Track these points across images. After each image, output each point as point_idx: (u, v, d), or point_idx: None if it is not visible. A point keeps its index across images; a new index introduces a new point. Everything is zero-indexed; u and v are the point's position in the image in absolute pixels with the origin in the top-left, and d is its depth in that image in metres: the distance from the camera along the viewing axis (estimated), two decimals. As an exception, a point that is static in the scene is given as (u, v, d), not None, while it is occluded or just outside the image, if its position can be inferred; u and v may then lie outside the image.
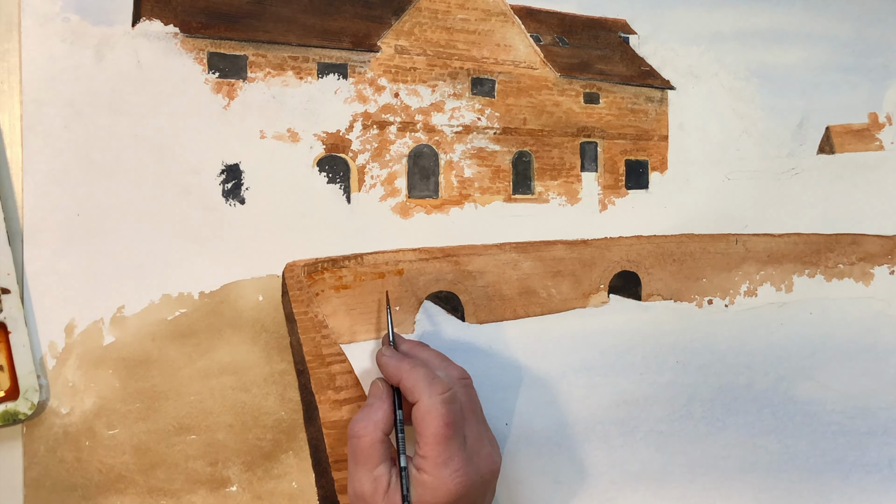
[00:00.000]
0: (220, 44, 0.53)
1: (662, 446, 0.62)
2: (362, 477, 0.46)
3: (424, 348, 0.53)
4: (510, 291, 0.61)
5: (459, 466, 0.45)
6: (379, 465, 0.46)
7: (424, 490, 0.45)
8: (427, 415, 0.45)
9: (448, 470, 0.45)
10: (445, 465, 0.45)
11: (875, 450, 0.66)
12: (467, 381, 0.50)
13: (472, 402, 0.49)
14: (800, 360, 0.66)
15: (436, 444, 0.45)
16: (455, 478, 0.45)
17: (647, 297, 0.65)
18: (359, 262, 0.56)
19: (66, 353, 0.50)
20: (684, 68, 0.66)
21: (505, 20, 0.61)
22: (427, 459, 0.45)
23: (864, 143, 0.70)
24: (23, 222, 0.49)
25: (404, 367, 0.48)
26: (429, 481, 0.45)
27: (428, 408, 0.45)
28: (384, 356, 0.50)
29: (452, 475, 0.45)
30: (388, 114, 0.58)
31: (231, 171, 0.53)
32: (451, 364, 0.51)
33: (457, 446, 0.46)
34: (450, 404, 0.46)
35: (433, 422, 0.45)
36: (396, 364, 0.49)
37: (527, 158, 0.62)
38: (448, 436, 0.45)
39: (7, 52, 0.50)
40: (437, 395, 0.46)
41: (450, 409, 0.46)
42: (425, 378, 0.47)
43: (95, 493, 0.50)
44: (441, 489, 0.45)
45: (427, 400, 0.46)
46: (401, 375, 0.48)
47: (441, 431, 0.45)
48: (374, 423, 0.47)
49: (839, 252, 0.68)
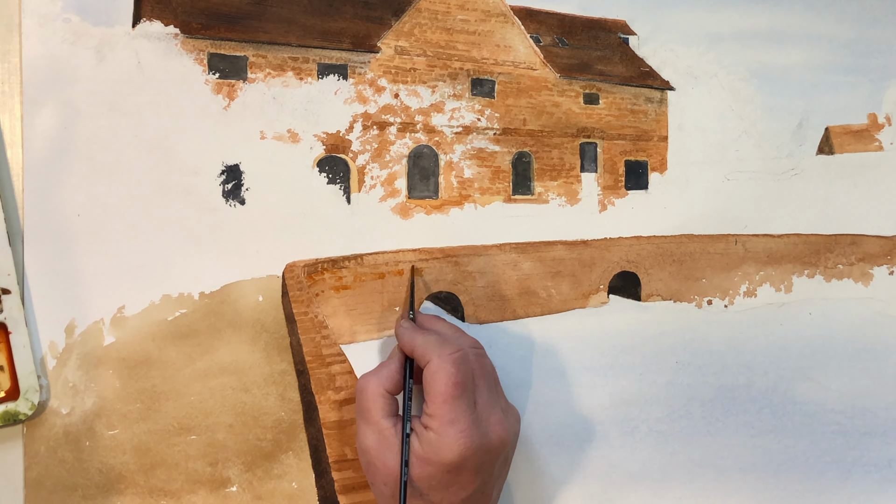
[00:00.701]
0: (220, 45, 0.53)
1: (662, 446, 0.62)
2: (366, 430, 0.48)
3: (439, 321, 0.54)
4: (510, 292, 0.61)
5: (465, 428, 0.45)
6: (381, 420, 0.47)
7: (429, 448, 0.45)
8: (436, 374, 0.46)
9: (453, 429, 0.45)
10: (451, 424, 0.45)
11: (874, 450, 0.66)
12: (479, 349, 0.51)
13: (483, 369, 0.49)
14: (799, 361, 0.66)
15: (443, 402, 0.46)
16: (460, 438, 0.45)
17: (647, 297, 0.65)
18: (359, 263, 0.56)
19: (67, 353, 0.50)
20: (684, 69, 0.66)
21: (505, 21, 0.61)
22: (434, 418, 0.46)
23: (864, 143, 0.70)
24: (23, 223, 0.49)
25: (417, 334, 0.49)
26: (434, 439, 0.45)
27: (437, 367, 0.46)
28: (401, 327, 0.51)
29: (457, 435, 0.45)
30: (388, 114, 0.58)
31: (231, 172, 0.54)
32: (463, 333, 0.52)
33: (464, 407, 0.46)
34: (459, 365, 0.47)
35: (442, 380, 0.46)
36: (411, 333, 0.50)
37: (526, 159, 0.62)
38: (455, 395, 0.46)
39: (8, 53, 0.50)
40: (448, 356, 0.47)
41: (459, 369, 0.46)
42: (437, 341, 0.48)
43: (96, 493, 0.50)
44: (445, 448, 0.45)
45: (437, 360, 0.47)
46: (414, 343, 0.49)
47: (449, 391, 0.46)
48: (377, 377, 0.49)
49: (839, 252, 0.69)
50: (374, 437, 0.47)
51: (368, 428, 0.48)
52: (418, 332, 0.50)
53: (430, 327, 0.52)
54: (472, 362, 0.48)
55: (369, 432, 0.48)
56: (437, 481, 0.45)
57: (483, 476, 0.47)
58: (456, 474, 0.46)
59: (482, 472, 0.47)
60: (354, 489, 0.53)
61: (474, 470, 0.46)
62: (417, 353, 0.48)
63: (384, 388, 0.49)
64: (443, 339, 0.49)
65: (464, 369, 0.47)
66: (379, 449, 0.47)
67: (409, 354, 0.50)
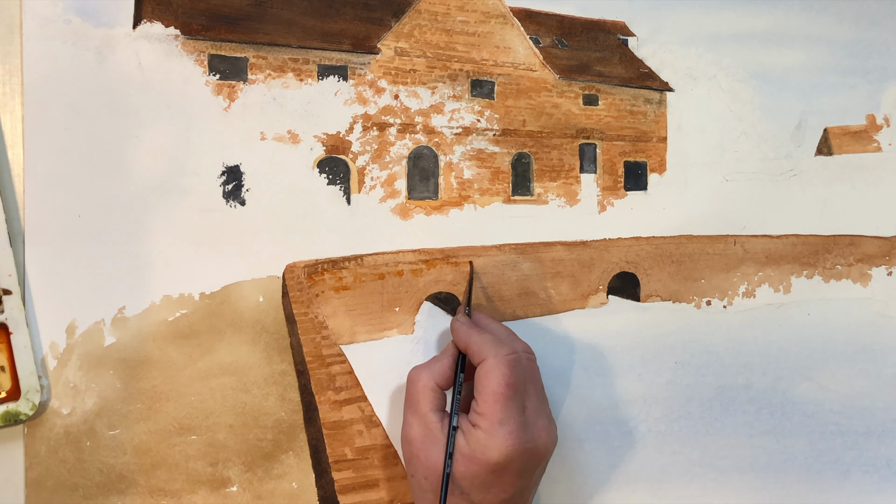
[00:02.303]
0: (220, 46, 0.54)
1: (661, 446, 0.62)
2: (412, 421, 0.48)
3: (494, 321, 0.54)
4: (509, 292, 0.61)
5: (514, 429, 0.45)
6: (429, 413, 0.48)
7: (477, 445, 0.45)
8: (490, 373, 0.46)
9: (503, 430, 0.45)
10: (501, 424, 0.45)
11: (873, 450, 0.66)
12: (531, 355, 0.51)
13: (534, 375, 0.50)
14: (798, 361, 0.67)
15: (494, 402, 0.46)
16: (508, 439, 0.45)
17: (646, 297, 0.65)
18: (359, 264, 0.57)
19: (68, 353, 0.50)
20: (683, 70, 0.66)
21: (504, 22, 0.61)
22: (483, 416, 0.46)
23: (862, 144, 0.70)
24: (24, 223, 0.50)
25: (474, 332, 0.50)
26: (482, 438, 0.45)
27: (492, 366, 0.47)
28: (457, 321, 0.52)
29: (506, 436, 0.45)
30: (387, 115, 0.58)
31: (231, 173, 0.54)
32: (517, 338, 0.52)
33: (514, 409, 0.46)
34: (513, 367, 0.47)
35: (495, 380, 0.46)
36: (467, 330, 0.50)
37: (526, 160, 0.62)
38: (508, 396, 0.46)
39: (9, 54, 0.50)
40: (503, 356, 0.47)
41: (513, 370, 0.47)
42: (493, 341, 0.48)
43: (96, 493, 0.50)
44: (492, 447, 0.45)
45: (492, 359, 0.47)
46: (469, 340, 0.49)
47: (501, 391, 0.46)
48: (429, 370, 0.49)
49: (837, 253, 0.69)
50: (420, 429, 0.47)
51: (415, 419, 0.48)
52: (474, 329, 0.50)
53: (485, 326, 0.53)
54: (525, 366, 0.49)
55: (416, 424, 0.48)
56: (481, 480, 0.46)
57: (524, 480, 0.47)
58: (500, 475, 0.46)
59: (524, 475, 0.47)
60: (354, 489, 0.53)
61: (518, 473, 0.46)
62: (472, 350, 0.49)
63: (435, 381, 0.49)
64: (498, 339, 0.49)
65: (517, 372, 0.47)
66: (424, 441, 0.47)
67: (464, 350, 0.50)
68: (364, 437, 0.54)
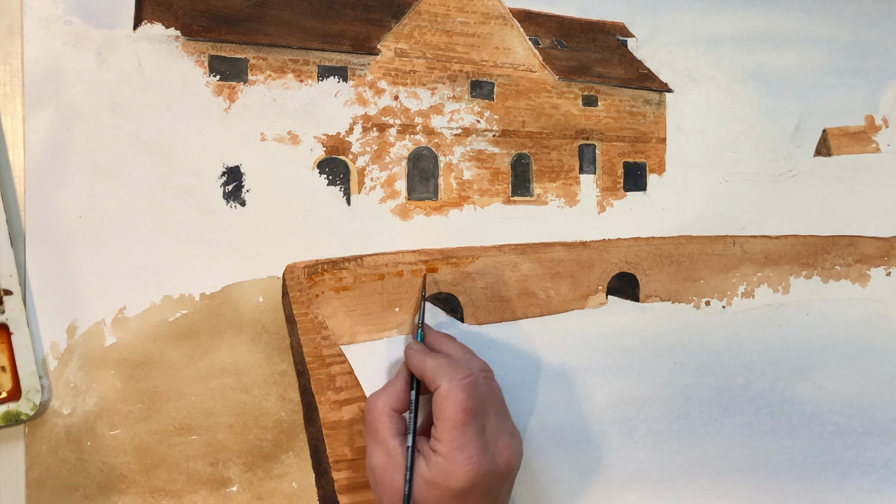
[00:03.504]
0: (220, 47, 0.54)
1: (660, 446, 0.63)
2: (374, 449, 0.48)
3: (449, 341, 0.53)
4: (509, 293, 0.61)
5: (474, 454, 0.45)
6: (389, 439, 0.47)
7: (438, 472, 0.45)
8: (446, 399, 0.46)
9: (462, 455, 0.45)
10: (460, 450, 0.45)
11: (872, 450, 0.66)
12: (489, 373, 0.51)
13: (493, 393, 0.49)
14: (797, 361, 0.67)
15: (452, 428, 0.45)
16: (468, 464, 0.45)
17: (645, 298, 0.65)
18: (359, 264, 0.57)
19: (68, 353, 0.50)
20: (682, 71, 0.66)
21: (504, 23, 0.61)
22: (442, 442, 0.46)
23: (861, 145, 0.70)
24: (25, 224, 0.50)
25: (428, 358, 0.49)
26: (442, 464, 0.45)
27: (447, 392, 0.46)
28: (411, 349, 0.51)
29: (466, 461, 0.45)
30: (387, 116, 0.58)
31: (232, 174, 0.54)
32: (474, 356, 0.52)
33: (473, 433, 0.46)
34: (470, 390, 0.46)
35: (451, 406, 0.46)
36: (420, 356, 0.50)
37: (525, 161, 0.62)
38: (465, 421, 0.46)
39: (9, 55, 0.50)
40: (458, 381, 0.46)
41: (469, 394, 0.46)
42: (447, 365, 0.48)
43: (97, 493, 0.50)
44: (453, 474, 0.45)
45: (447, 385, 0.46)
46: (424, 367, 0.49)
47: (459, 416, 0.46)
48: (385, 395, 0.49)
49: (836, 254, 0.69)
50: (383, 456, 0.47)
51: (377, 447, 0.48)
52: (428, 354, 0.50)
53: (440, 348, 0.52)
54: (482, 387, 0.48)
55: (377, 451, 0.48)
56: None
57: (489, 500, 0.47)
58: (464, 499, 0.45)
59: (489, 495, 0.47)
60: (354, 489, 0.53)
61: (482, 494, 0.46)
62: (427, 377, 0.48)
63: (391, 406, 0.48)
64: (453, 362, 0.49)
65: (474, 395, 0.46)
66: (386, 468, 0.47)
67: (419, 377, 0.49)
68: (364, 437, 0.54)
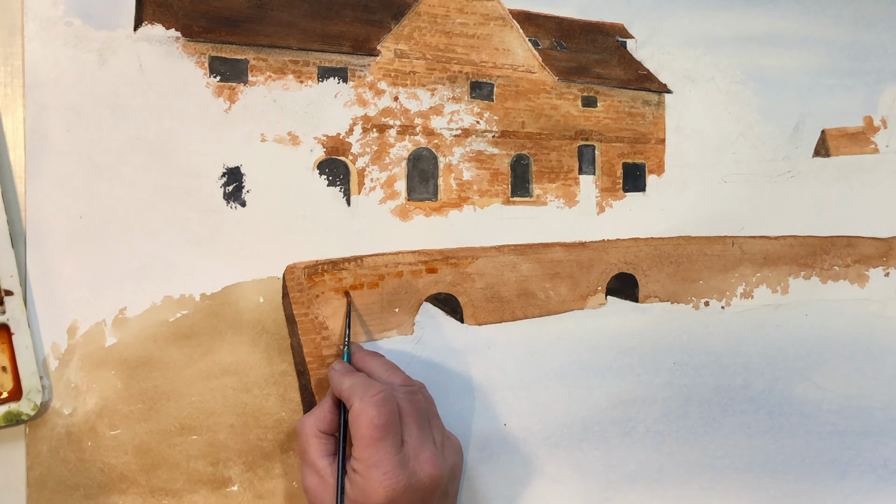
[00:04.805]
0: (221, 48, 0.54)
1: (659, 446, 0.63)
2: (306, 471, 0.48)
3: (374, 358, 0.53)
4: (508, 293, 0.61)
5: (389, 469, 0.45)
6: (318, 460, 0.48)
7: (357, 491, 0.45)
8: (358, 418, 0.46)
9: (377, 472, 0.45)
10: (375, 467, 0.45)
11: (870, 450, 0.66)
12: (411, 387, 0.50)
13: (413, 406, 0.49)
14: (796, 362, 0.67)
15: (366, 445, 0.45)
16: (384, 480, 0.45)
17: (645, 298, 0.65)
18: (359, 265, 0.57)
19: (69, 354, 0.50)
20: (681, 72, 0.66)
21: (503, 24, 0.61)
22: (359, 461, 0.46)
23: (860, 146, 0.70)
24: (26, 225, 0.50)
25: (345, 378, 0.49)
26: (360, 482, 0.45)
27: (359, 411, 0.46)
28: (332, 370, 0.51)
29: (382, 478, 0.45)
30: (387, 117, 0.58)
31: (232, 174, 0.54)
32: (395, 372, 0.51)
33: (387, 449, 0.46)
34: (381, 406, 0.46)
35: (364, 424, 0.46)
36: (339, 377, 0.50)
37: (525, 161, 0.62)
38: (377, 438, 0.46)
39: (10, 56, 0.50)
40: (369, 398, 0.46)
41: (381, 411, 0.46)
42: (361, 384, 0.48)
43: (98, 492, 0.50)
44: (370, 491, 0.45)
45: (358, 403, 0.46)
46: (341, 387, 0.49)
47: (371, 433, 0.46)
48: (312, 417, 0.49)
49: (835, 254, 0.69)
50: (314, 477, 0.48)
51: (307, 469, 0.48)
52: (346, 374, 0.50)
53: (363, 366, 0.52)
54: (397, 401, 0.48)
55: (308, 473, 0.48)
56: None
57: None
58: None
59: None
60: (354, 489, 0.53)
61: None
62: (344, 397, 0.48)
63: (318, 428, 0.49)
64: (367, 380, 0.49)
65: (386, 410, 0.46)
66: (317, 489, 0.47)
67: (339, 398, 0.49)
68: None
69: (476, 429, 0.59)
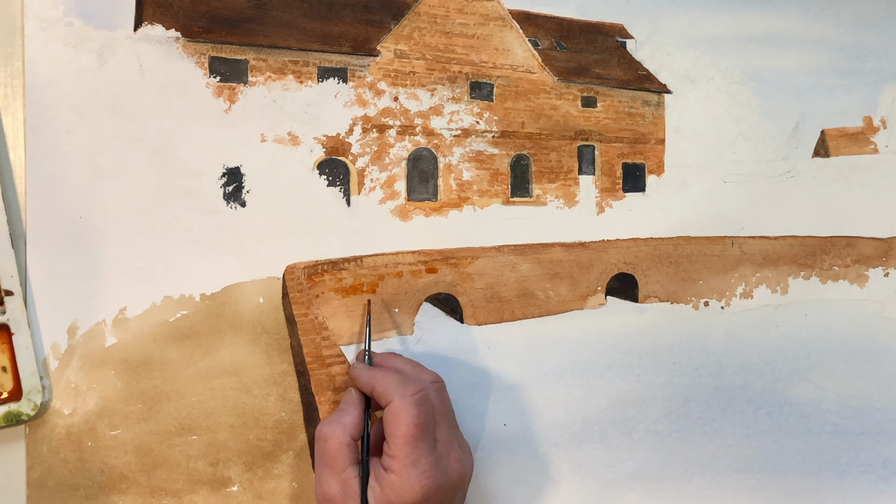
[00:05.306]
0: (221, 48, 0.54)
1: (659, 446, 0.63)
2: (330, 479, 0.47)
3: (396, 357, 0.53)
4: (508, 293, 0.61)
5: (427, 468, 0.45)
6: (346, 469, 0.47)
7: (391, 490, 0.45)
8: (398, 415, 0.46)
9: (416, 471, 0.45)
10: (413, 465, 0.45)
11: (870, 450, 0.66)
12: (440, 384, 0.51)
13: (443, 405, 0.49)
14: (795, 362, 0.67)
15: (405, 444, 0.45)
16: (422, 479, 0.45)
17: (644, 298, 0.65)
18: (359, 265, 0.57)
19: (69, 354, 0.50)
20: (681, 72, 0.66)
21: (503, 25, 0.62)
22: (395, 459, 0.45)
23: (859, 146, 0.70)
24: (26, 225, 0.50)
25: (377, 374, 0.49)
26: (396, 481, 0.45)
27: (399, 408, 0.46)
28: (356, 369, 0.51)
29: (420, 476, 0.45)
30: (387, 117, 0.58)
31: (232, 174, 0.54)
32: (423, 369, 0.52)
33: (426, 448, 0.46)
34: (421, 405, 0.46)
35: (404, 422, 0.46)
36: (369, 374, 0.49)
37: (525, 161, 0.63)
38: (417, 436, 0.46)
39: (10, 56, 0.50)
40: (409, 396, 0.46)
41: (421, 410, 0.46)
42: (398, 381, 0.48)
43: (98, 492, 0.50)
44: (407, 490, 0.45)
45: (399, 401, 0.46)
46: (374, 383, 0.48)
47: (411, 432, 0.46)
48: (342, 426, 0.48)
49: (834, 254, 0.69)
50: (340, 487, 0.46)
51: (334, 478, 0.47)
52: (377, 371, 0.50)
53: (389, 365, 0.52)
54: (432, 400, 0.48)
55: (334, 482, 0.46)
56: None
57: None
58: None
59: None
60: (354, 489, 0.53)
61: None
62: (377, 392, 0.48)
63: (350, 436, 0.48)
64: (403, 377, 0.48)
65: (425, 409, 0.46)
66: (344, 498, 0.46)
67: (369, 394, 0.49)
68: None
69: (476, 429, 0.59)
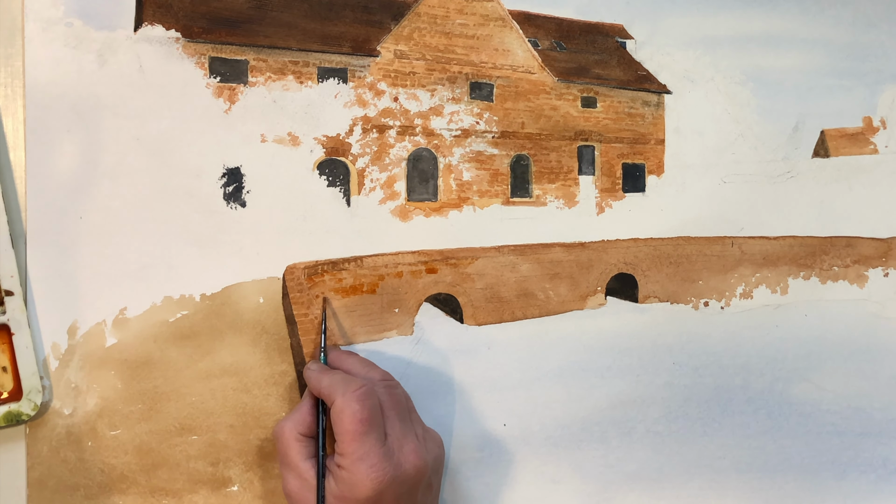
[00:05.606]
0: (221, 48, 0.54)
1: (659, 447, 0.63)
2: (287, 475, 0.48)
3: (349, 356, 0.53)
4: (508, 293, 0.61)
5: (376, 462, 0.46)
6: (300, 463, 0.48)
7: (344, 486, 0.46)
8: (341, 413, 0.46)
9: (365, 465, 0.45)
10: (362, 460, 0.46)
11: (869, 450, 0.66)
12: (390, 381, 0.51)
13: (393, 400, 0.50)
14: (795, 362, 0.67)
15: (351, 440, 0.46)
16: (371, 473, 0.45)
17: (644, 299, 0.65)
18: (358, 265, 0.57)
19: (69, 354, 0.50)
20: (680, 72, 0.66)
21: (503, 25, 0.62)
22: (344, 456, 0.46)
23: (859, 146, 0.70)
24: (26, 225, 0.50)
25: (323, 376, 0.49)
26: (346, 477, 0.46)
27: (342, 406, 0.47)
28: (308, 369, 0.51)
29: (369, 471, 0.45)
30: (387, 118, 0.58)
31: (232, 175, 0.54)
32: (373, 368, 0.52)
33: (373, 442, 0.46)
34: (363, 401, 0.47)
35: (347, 419, 0.46)
36: (317, 375, 0.50)
37: (525, 162, 0.63)
38: (362, 432, 0.46)
39: (10, 57, 0.50)
40: (351, 393, 0.47)
41: (364, 405, 0.47)
42: (341, 380, 0.48)
43: (98, 492, 0.50)
44: (358, 485, 0.45)
45: (340, 398, 0.47)
46: (320, 385, 0.49)
47: (355, 427, 0.46)
48: (291, 422, 0.49)
49: (834, 254, 0.69)
50: (296, 481, 0.48)
51: (289, 473, 0.48)
52: (325, 372, 0.50)
53: (340, 365, 0.52)
54: (379, 395, 0.49)
55: (290, 477, 0.48)
56: None
57: None
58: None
59: (403, 500, 0.47)
60: (354, 489, 0.53)
61: (394, 500, 0.46)
62: (324, 395, 0.49)
63: (298, 431, 0.49)
64: (347, 376, 0.49)
65: (369, 404, 0.47)
66: (300, 492, 0.47)
67: (318, 396, 0.50)
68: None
69: (476, 429, 0.59)
